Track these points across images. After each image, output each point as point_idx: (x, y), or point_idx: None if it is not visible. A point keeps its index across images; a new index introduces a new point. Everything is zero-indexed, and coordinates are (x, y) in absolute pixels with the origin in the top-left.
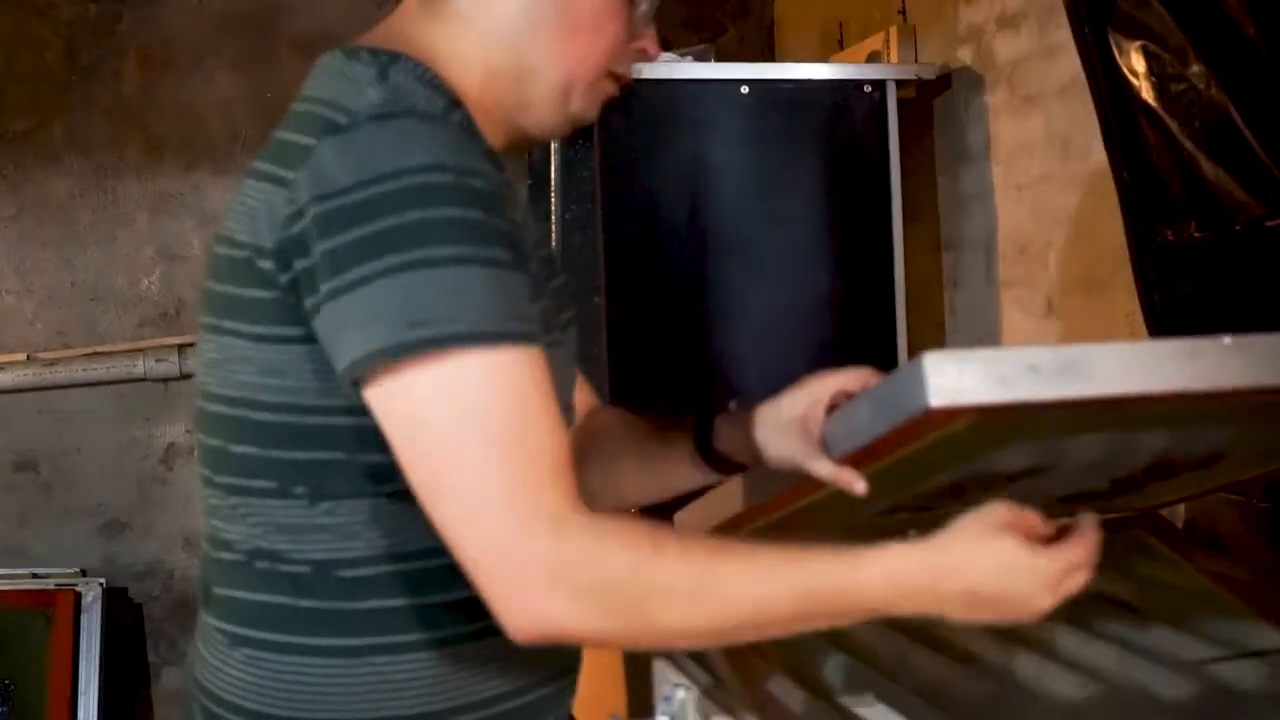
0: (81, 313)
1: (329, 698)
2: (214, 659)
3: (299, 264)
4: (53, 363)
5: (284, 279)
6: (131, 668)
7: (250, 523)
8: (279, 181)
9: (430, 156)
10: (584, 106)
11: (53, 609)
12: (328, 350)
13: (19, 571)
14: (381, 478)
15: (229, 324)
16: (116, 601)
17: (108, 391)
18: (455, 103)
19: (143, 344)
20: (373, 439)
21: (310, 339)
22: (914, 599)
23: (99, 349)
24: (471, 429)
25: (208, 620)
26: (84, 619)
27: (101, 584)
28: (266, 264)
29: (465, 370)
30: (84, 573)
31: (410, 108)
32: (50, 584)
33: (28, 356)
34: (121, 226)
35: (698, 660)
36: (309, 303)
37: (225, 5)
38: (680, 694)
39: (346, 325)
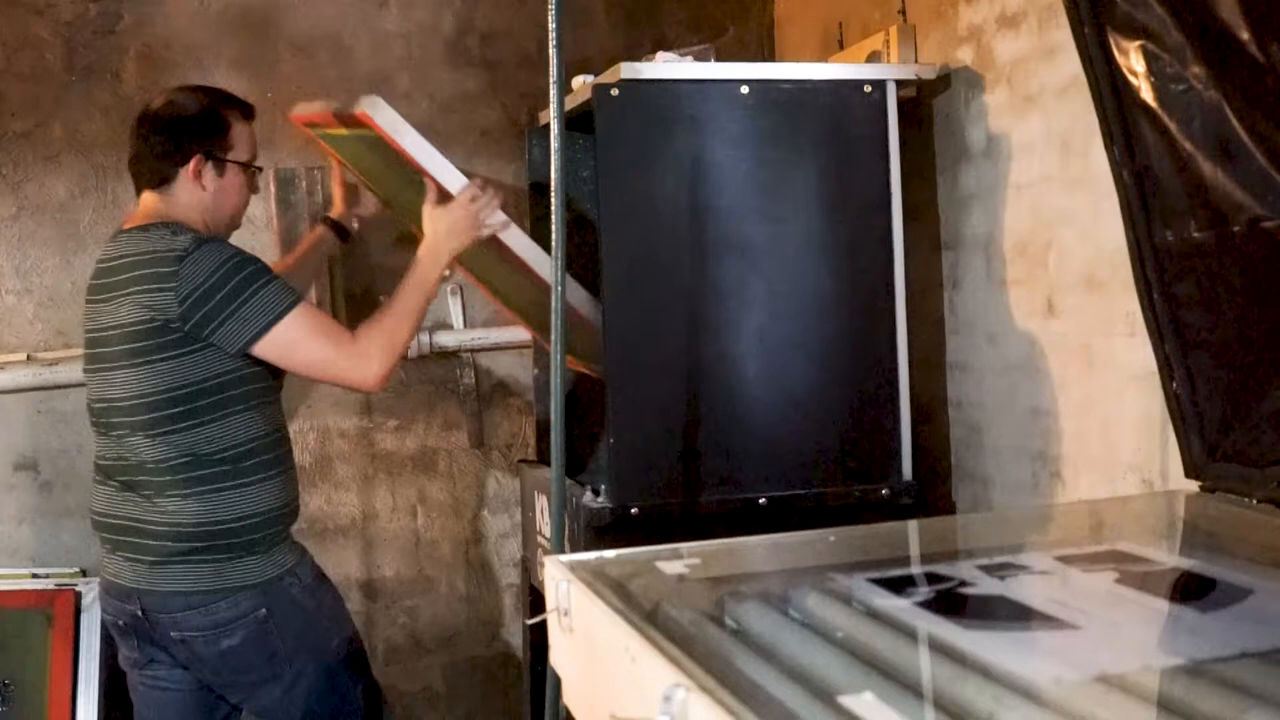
0: (81, 313)
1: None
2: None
3: (197, 314)
4: (53, 363)
5: (187, 326)
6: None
7: (176, 444)
8: (160, 289)
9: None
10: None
11: (53, 609)
12: (224, 341)
13: (19, 571)
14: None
15: (148, 359)
16: None
17: None
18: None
19: None
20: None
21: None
22: (436, 258)
23: None
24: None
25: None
26: (84, 619)
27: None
28: (175, 323)
29: (300, 313)
30: (84, 572)
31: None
32: (50, 584)
33: (28, 356)
34: None
35: (698, 660)
36: (208, 329)
37: (225, 5)
38: (680, 694)
39: (247, 319)
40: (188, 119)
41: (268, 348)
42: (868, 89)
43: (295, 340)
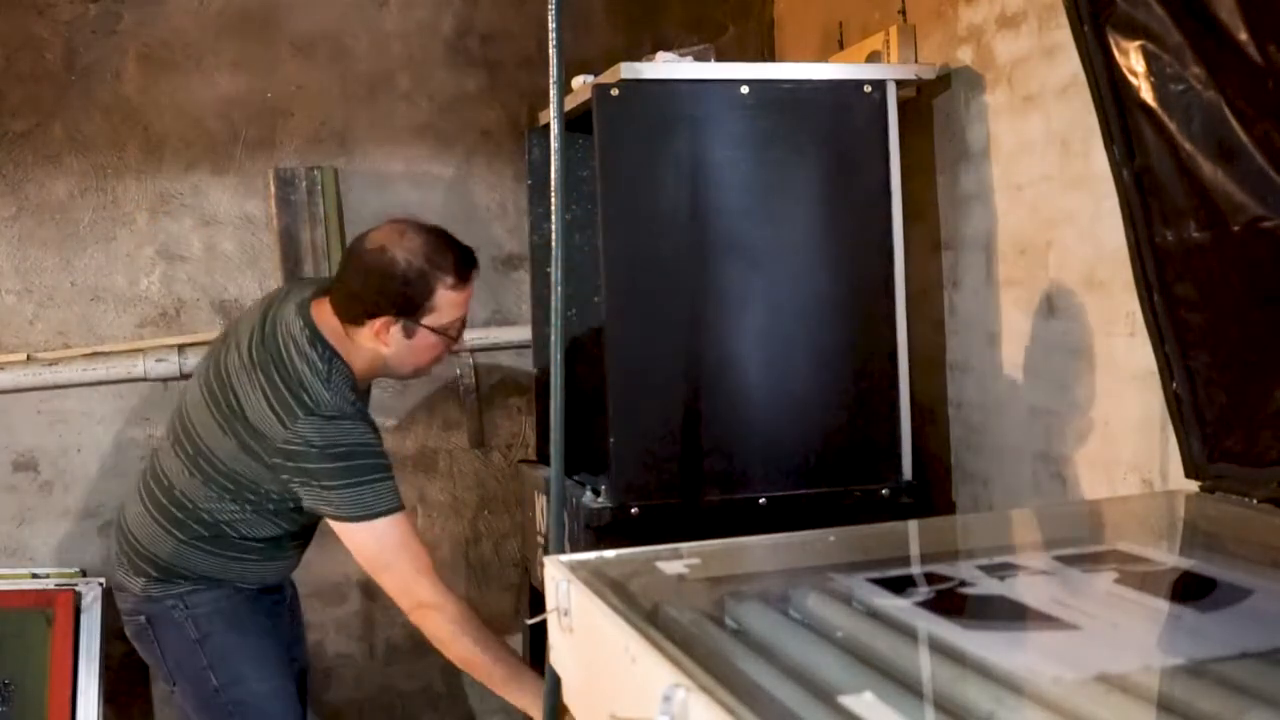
0: (81, 313)
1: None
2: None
3: (294, 477)
4: (53, 363)
5: (277, 472)
6: (131, 668)
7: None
8: (278, 420)
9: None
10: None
11: (53, 609)
12: (304, 496)
13: (19, 571)
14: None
15: (240, 442)
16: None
17: (108, 391)
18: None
19: (143, 344)
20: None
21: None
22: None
23: (99, 349)
24: None
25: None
26: (84, 619)
27: (101, 584)
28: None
29: (398, 521)
30: (84, 573)
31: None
32: (50, 584)
33: (28, 356)
34: (121, 226)
35: (698, 660)
36: (295, 484)
37: (225, 5)
38: (680, 694)
39: (344, 501)
40: (391, 276)
41: (355, 533)
42: (868, 89)
43: (387, 544)
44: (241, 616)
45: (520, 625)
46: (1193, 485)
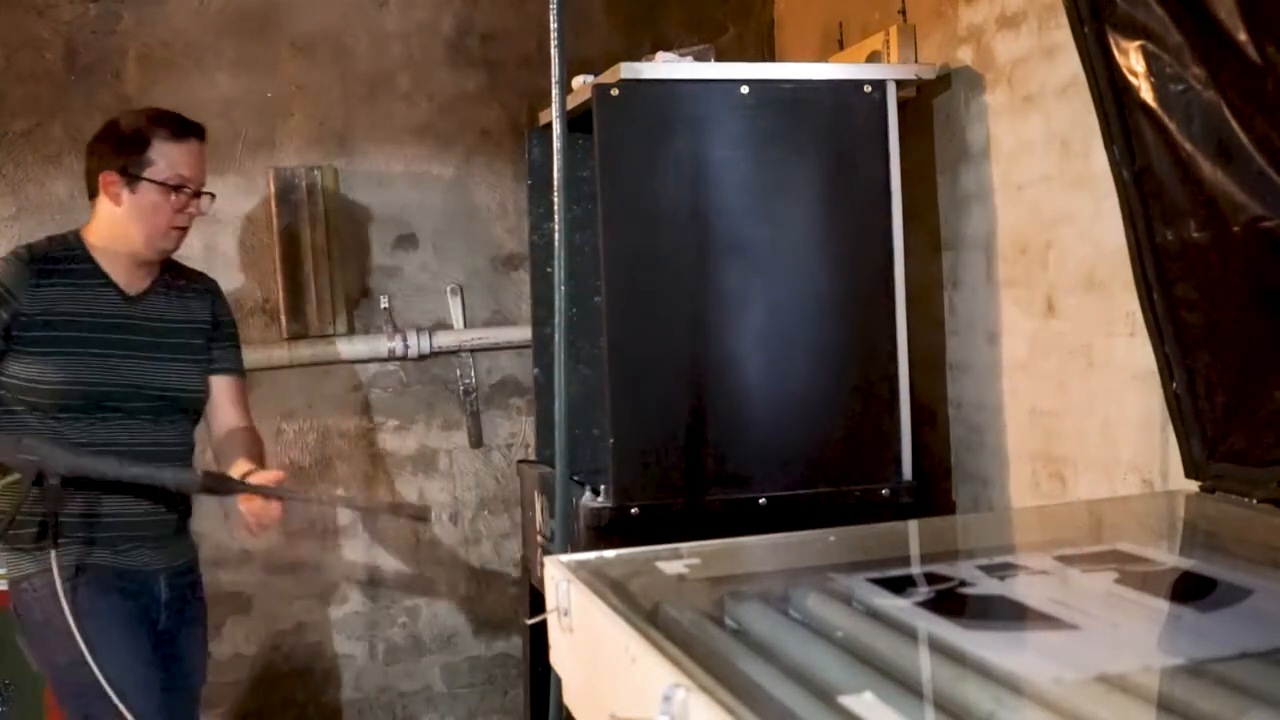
0: None
1: None
2: None
3: None
4: None
5: None
6: None
7: None
8: None
9: None
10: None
11: None
12: None
13: None
14: None
15: None
16: None
17: None
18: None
19: None
20: None
21: None
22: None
23: None
24: None
25: None
26: None
27: None
28: None
29: None
30: None
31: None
32: None
33: None
34: None
35: (698, 660)
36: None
37: (225, 5)
38: (680, 694)
39: None
40: (109, 135)
41: None
42: (868, 89)
43: None
44: (89, 604)
45: (520, 625)
46: (1193, 485)
